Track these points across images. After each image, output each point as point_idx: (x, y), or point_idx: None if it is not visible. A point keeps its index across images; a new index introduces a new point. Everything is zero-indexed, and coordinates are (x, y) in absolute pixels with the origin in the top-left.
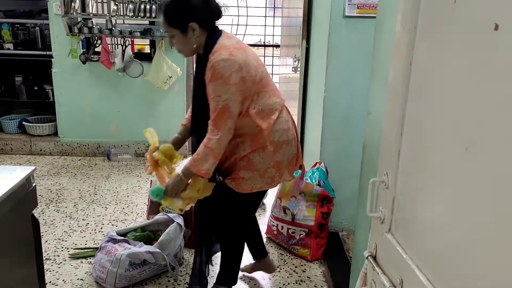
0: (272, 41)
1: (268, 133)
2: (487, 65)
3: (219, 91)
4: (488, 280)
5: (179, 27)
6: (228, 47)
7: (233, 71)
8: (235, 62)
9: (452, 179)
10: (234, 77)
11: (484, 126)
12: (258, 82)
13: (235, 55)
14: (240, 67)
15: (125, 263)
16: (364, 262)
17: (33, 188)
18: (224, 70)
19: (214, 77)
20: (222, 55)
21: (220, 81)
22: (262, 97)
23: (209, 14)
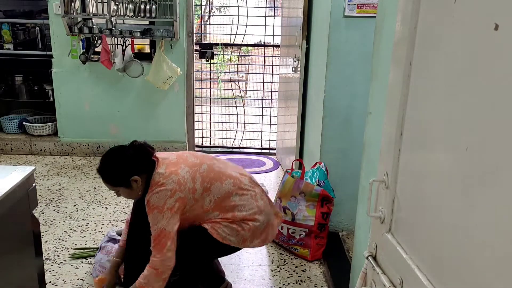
0: (272, 41)
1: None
2: (487, 65)
3: (155, 220)
4: (488, 280)
5: (122, 185)
6: (157, 182)
7: (166, 198)
8: (166, 190)
9: (452, 179)
10: (168, 203)
11: (484, 126)
12: (201, 186)
13: (166, 183)
14: (173, 191)
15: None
16: (364, 262)
17: (33, 188)
18: (158, 201)
19: (150, 210)
20: (153, 190)
21: (155, 211)
22: (214, 188)
23: (143, 160)
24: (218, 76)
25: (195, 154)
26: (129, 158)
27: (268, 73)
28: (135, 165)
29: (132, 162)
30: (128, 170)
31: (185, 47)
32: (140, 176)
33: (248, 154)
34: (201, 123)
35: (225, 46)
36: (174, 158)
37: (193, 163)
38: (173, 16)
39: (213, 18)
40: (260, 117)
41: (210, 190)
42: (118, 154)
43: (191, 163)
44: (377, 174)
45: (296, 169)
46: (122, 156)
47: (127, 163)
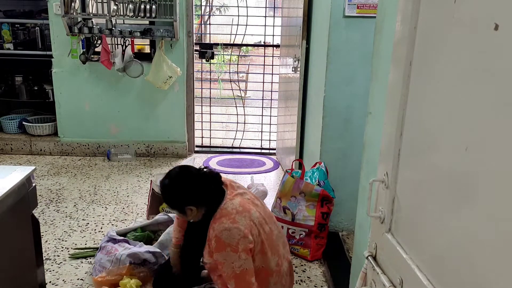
0: (272, 41)
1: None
2: (487, 65)
3: (231, 259)
4: (488, 280)
5: (176, 209)
6: (230, 213)
7: (240, 238)
8: (239, 229)
9: (452, 179)
10: (242, 243)
11: (484, 126)
12: (261, 242)
13: (238, 221)
14: (245, 234)
15: (125, 263)
16: (364, 262)
17: (33, 188)
18: (230, 239)
19: (221, 247)
20: (224, 223)
21: (228, 249)
22: (265, 254)
23: (206, 194)
24: (218, 76)
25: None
26: (191, 188)
27: (268, 73)
28: (195, 196)
29: (192, 193)
30: (185, 200)
31: (185, 47)
32: (198, 207)
33: (248, 154)
34: (201, 123)
35: (225, 46)
36: (247, 197)
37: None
38: (173, 16)
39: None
40: (260, 117)
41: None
42: (182, 180)
43: (259, 214)
44: (377, 174)
45: (296, 169)
46: (184, 184)
47: (187, 193)
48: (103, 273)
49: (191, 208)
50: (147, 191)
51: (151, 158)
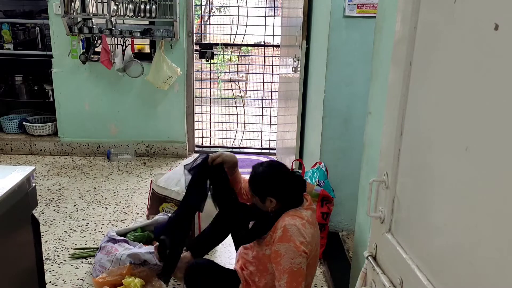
0: (272, 41)
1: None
2: (487, 65)
3: (292, 255)
4: (488, 280)
5: (258, 196)
6: (303, 217)
7: (303, 241)
8: (306, 234)
9: (452, 179)
10: (304, 246)
11: (484, 126)
12: (312, 258)
13: (307, 228)
14: (308, 242)
15: (126, 262)
16: (364, 262)
17: (33, 188)
18: (296, 236)
19: (285, 238)
20: (296, 221)
21: (292, 244)
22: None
23: (290, 193)
24: (218, 76)
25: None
26: (281, 182)
27: (268, 73)
28: (281, 191)
29: (280, 187)
30: (272, 190)
31: (185, 47)
32: (277, 201)
33: (248, 154)
34: (201, 123)
35: (225, 46)
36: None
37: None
38: (173, 16)
39: (213, 18)
40: (260, 117)
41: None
42: (276, 171)
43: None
44: (377, 174)
45: (296, 169)
46: (276, 175)
47: (276, 185)
48: (104, 273)
49: (271, 200)
50: (147, 191)
51: (151, 158)
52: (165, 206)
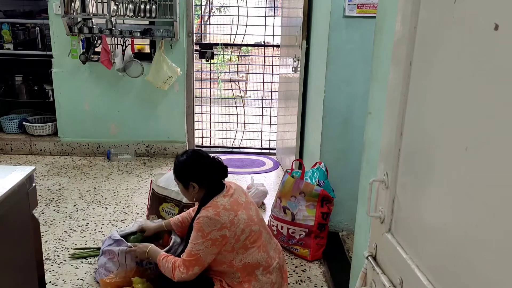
0: (272, 41)
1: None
2: (487, 65)
3: (196, 241)
4: (488, 280)
5: (182, 182)
6: (218, 206)
7: (214, 229)
8: (218, 221)
9: (452, 179)
10: (213, 234)
11: (484, 126)
12: (244, 239)
13: (221, 215)
14: (223, 226)
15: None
16: (364, 262)
17: (33, 188)
18: (206, 226)
19: (196, 228)
20: (209, 212)
21: (199, 233)
22: (250, 252)
23: (210, 177)
24: (218, 76)
25: (257, 211)
26: (200, 165)
27: (268, 73)
28: (200, 174)
29: (199, 170)
30: (192, 175)
31: (185, 47)
32: (199, 186)
33: (248, 154)
34: (201, 123)
35: (225, 46)
36: (242, 200)
37: (251, 217)
38: (173, 16)
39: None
40: (260, 117)
41: (246, 251)
42: (195, 158)
43: (249, 215)
44: (377, 174)
45: (296, 169)
46: (195, 160)
47: (195, 168)
48: (112, 274)
49: (193, 185)
50: (147, 191)
51: (151, 158)
52: (165, 206)
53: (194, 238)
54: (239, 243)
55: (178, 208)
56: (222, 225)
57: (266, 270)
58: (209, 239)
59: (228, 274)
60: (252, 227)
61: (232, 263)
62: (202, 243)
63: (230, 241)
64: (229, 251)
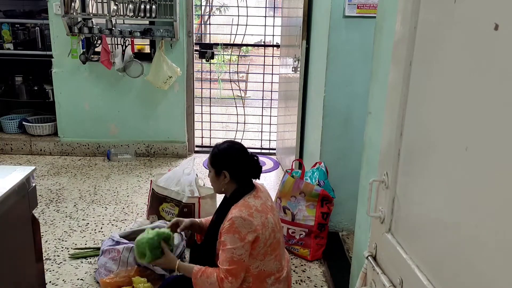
0: (272, 41)
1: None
2: (487, 65)
3: (235, 245)
4: (488, 280)
5: (215, 168)
6: (250, 207)
7: (250, 231)
8: (252, 223)
9: (452, 179)
10: (249, 236)
11: (484, 126)
12: (269, 245)
13: (255, 217)
14: (256, 229)
15: (133, 264)
16: (364, 262)
17: (33, 188)
18: (241, 227)
19: (231, 230)
20: (242, 212)
21: (236, 235)
22: (268, 260)
23: (244, 171)
24: (218, 76)
25: (279, 218)
26: (238, 156)
27: (268, 73)
28: (235, 165)
29: (236, 160)
30: (227, 162)
31: (185, 47)
32: (231, 176)
33: None
34: (201, 123)
35: (225, 46)
36: (269, 204)
37: (276, 223)
38: (173, 16)
39: (213, 18)
40: (260, 117)
41: (265, 258)
42: (236, 147)
43: (275, 222)
44: (377, 174)
45: (296, 169)
46: (235, 150)
47: (232, 157)
48: (112, 274)
49: (225, 174)
50: (147, 191)
51: (151, 158)
52: (165, 206)
53: (231, 242)
54: (264, 248)
55: (178, 208)
56: (255, 227)
57: (276, 280)
58: (247, 242)
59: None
60: (276, 233)
61: (249, 268)
62: (242, 246)
63: (260, 245)
64: (253, 256)
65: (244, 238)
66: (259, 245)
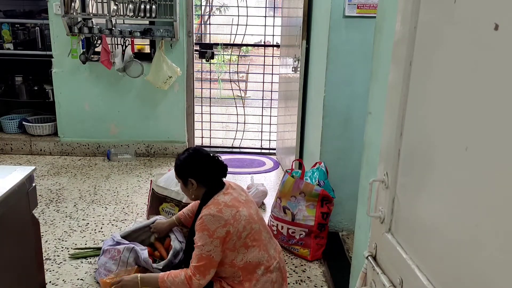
0: (272, 41)
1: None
2: (487, 65)
3: (203, 241)
4: (488, 280)
5: (181, 179)
6: (219, 203)
7: (219, 226)
8: (222, 218)
9: (452, 179)
10: (219, 231)
11: (484, 126)
12: (245, 237)
13: (224, 212)
14: (226, 223)
15: (133, 265)
16: (364, 262)
17: (33, 188)
18: (210, 224)
19: (201, 228)
20: (211, 209)
21: (205, 232)
22: (251, 251)
23: (209, 174)
24: (218, 76)
25: (257, 210)
26: (199, 162)
27: (268, 73)
28: (198, 171)
29: (198, 167)
30: (191, 172)
31: (185, 47)
32: (198, 183)
33: (248, 154)
34: (201, 123)
35: (225, 46)
36: (242, 198)
37: (251, 215)
38: (173, 16)
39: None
40: (260, 117)
41: (247, 250)
42: (194, 154)
43: (250, 213)
44: (377, 174)
45: (296, 169)
46: (194, 157)
47: (193, 165)
48: (112, 274)
49: (192, 182)
50: (147, 191)
51: (151, 158)
52: (165, 206)
53: (200, 240)
54: (241, 240)
55: (178, 208)
56: (225, 221)
57: (267, 270)
58: (216, 237)
59: (229, 274)
60: (252, 225)
61: (234, 263)
62: (211, 242)
63: (233, 238)
64: (231, 250)
65: (213, 234)
66: (232, 238)
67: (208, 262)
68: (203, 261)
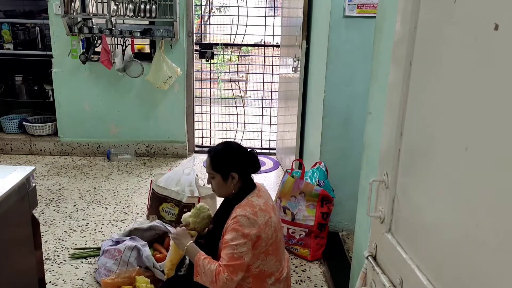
0: (272, 41)
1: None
2: (487, 65)
3: (236, 241)
4: (488, 280)
5: (221, 173)
6: (254, 206)
7: (253, 229)
8: (256, 222)
9: (452, 179)
10: (253, 234)
11: (484, 126)
12: (270, 245)
13: (259, 216)
14: (260, 228)
15: (134, 265)
16: (364, 262)
17: (33, 188)
18: (245, 226)
19: (234, 228)
20: (247, 211)
21: (239, 233)
22: (269, 259)
23: (249, 168)
24: (218, 76)
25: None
26: (244, 156)
27: (268, 73)
28: (243, 165)
29: (243, 161)
30: (235, 164)
31: (185, 47)
32: (239, 176)
33: None
34: (201, 123)
35: (225, 46)
36: (271, 203)
37: (279, 223)
38: (173, 16)
39: (213, 18)
40: (260, 117)
41: (266, 258)
42: (238, 147)
43: (278, 221)
44: (377, 174)
45: (296, 169)
46: (239, 150)
47: (239, 158)
48: (113, 275)
49: (233, 176)
50: (147, 191)
51: (151, 158)
52: (165, 206)
53: (233, 239)
54: (265, 247)
55: (178, 208)
56: (259, 226)
57: (276, 280)
58: (250, 239)
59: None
60: (278, 233)
61: (250, 268)
62: (244, 243)
63: (261, 244)
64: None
65: (247, 235)
66: (261, 244)
67: (239, 263)
68: (234, 261)
